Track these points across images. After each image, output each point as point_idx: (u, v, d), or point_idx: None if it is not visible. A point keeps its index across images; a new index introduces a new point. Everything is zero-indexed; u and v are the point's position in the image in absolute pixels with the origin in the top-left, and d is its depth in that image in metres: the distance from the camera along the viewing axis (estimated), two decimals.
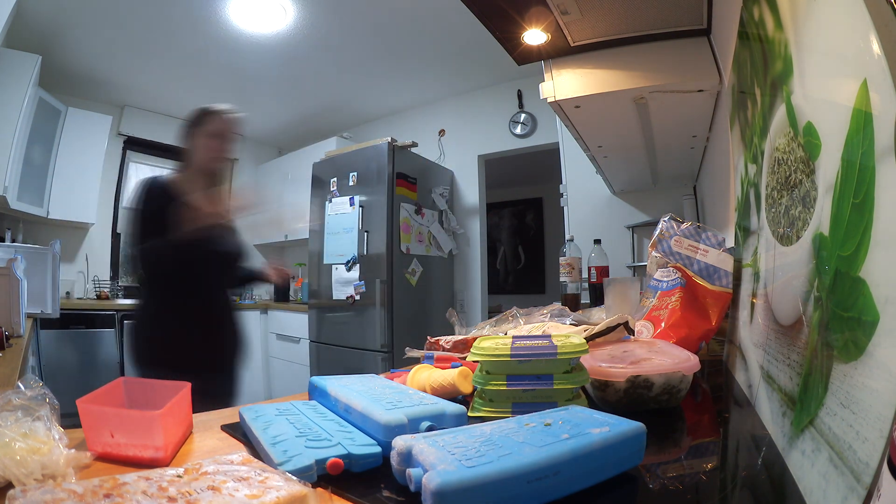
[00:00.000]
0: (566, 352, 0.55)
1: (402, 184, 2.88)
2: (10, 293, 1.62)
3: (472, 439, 0.39)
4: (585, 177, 2.46)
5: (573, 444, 0.38)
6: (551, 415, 0.46)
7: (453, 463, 0.34)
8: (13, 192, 2.61)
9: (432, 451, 0.36)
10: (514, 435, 0.40)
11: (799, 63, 0.47)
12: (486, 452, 0.36)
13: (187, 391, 0.54)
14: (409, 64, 3.04)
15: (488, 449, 0.37)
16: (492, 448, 0.37)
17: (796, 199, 0.46)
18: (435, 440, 0.39)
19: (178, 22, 2.53)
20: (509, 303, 1.29)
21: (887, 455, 0.24)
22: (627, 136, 1.59)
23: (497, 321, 1.08)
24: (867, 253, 0.29)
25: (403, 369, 0.83)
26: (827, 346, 0.35)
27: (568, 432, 0.40)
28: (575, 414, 0.46)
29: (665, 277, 0.92)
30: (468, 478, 0.32)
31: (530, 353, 0.56)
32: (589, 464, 0.38)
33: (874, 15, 0.29)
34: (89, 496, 0.32)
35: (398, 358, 2.65)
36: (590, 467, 0.38)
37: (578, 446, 0.38)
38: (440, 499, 0.31)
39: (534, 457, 0.35)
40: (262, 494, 0.33)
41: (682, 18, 1.11)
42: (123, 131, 3.59)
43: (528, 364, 0.57)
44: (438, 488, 0.31)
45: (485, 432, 0.41)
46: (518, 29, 1.13)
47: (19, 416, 0.43)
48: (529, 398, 0.56)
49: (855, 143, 0.32)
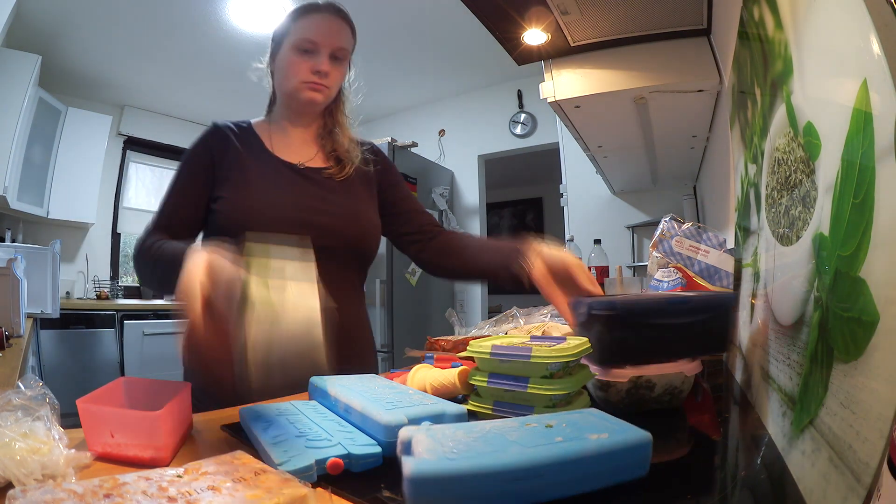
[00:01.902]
0: (540, 356, 0.53)
1: None
2: (10, 293, 1.62)
3: (469, 435, 0.39)
4: (585, 177, 2.46)
5: (562, 448, 0.37)
6: (560, 416, 0.45)
7: (437, 454, 0.34)
8: (13, 192, 2.61)
9: (426, 442, 0.36)
10: (508, 433, 0.40)
11: (799, 63, 0.47)
12: (473, 447, 0.36)
13: (187, 391, 0.54)
14: (409, 64, 3.05)
15: (477, 445, 0.37)
16: (480, 444, 0.37)
17: (796, 199, 0.46)
18: (434, 433, 0.39)
19: (178, 22, 2.53)
20: (509, 303, 1.29)
21: (887, 455, 0.24)
22: (627, 136, 1.59)
23: (497, 321, 1.08)
24: (867, 253, 0.29)
25: (403, 369, 0.83)
26: (827, 346, 0.35)
27: (564, 435, 0.39)
28: (586, 417, 0.45)
29: (666, 278, 0.92)
30: (444, 469, 0.33)
31: (508, 353, 0.56)
32: (579, 470, 0.37)
33: (874, 15, 0.29)
34: (89, 496, 0.32)
35: (398, 358, 2.65)
36: (580, 473, 0.37)
37: (568, 451, 0.37)
38: (413, 486, 0.32)
39: (516, 457, 0.35)
40: (262, 494, 0.33)
41: (682, 18, 1.11)
42: (123, 131, 3.59)
43: (507, 364, 0.57)
44: (412, 475, 0.32)
45: (484, 429, 0.41)
46: (518, 29, 1.14)
47: (19, 416, 0.43)
48: (510, 398, 0.56)
49: (855, 143, 0.32)
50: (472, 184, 3.46)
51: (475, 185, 3.45)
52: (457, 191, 3.52)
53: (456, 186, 3.52)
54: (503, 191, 5.43)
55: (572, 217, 2.65)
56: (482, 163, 3.50)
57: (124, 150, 3.67)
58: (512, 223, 5.57)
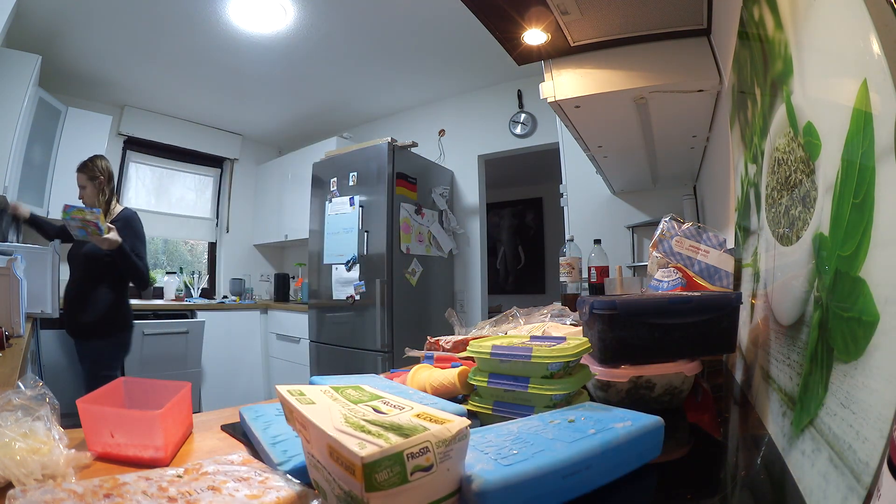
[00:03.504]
0: (541, 356, 0.54)
1: (402, 184, 2.88)
2: (10, 293, 1.62)
3: (502, 437, 0.40)
4: (585, 177, 2.46)
5: (601, 439, 0.39)
6: (572, 412, 0.47)
7: (490, 462, 0.34)
8: (13, 192, 2.60)
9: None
10: (542, 432, 0.41)
11: (799, 63, 0.47)
12: (520, 450, 0.36)
13: (187, 391, 0.54)
14: (409, 64, 3.04)
15: (521, 447, 0.37)
16: (524, 446, 0.37)
17: (796, 199, 0.46)
18: None
19: (178, 22, 2.53)
20: (509, 303, 1.29)
21: (887, 455, 0.24)
22: (627, 136, 1.59)
23: (497, 321, 1.08)
24: (867, 253, 0.29)
25: (403, 369, 0.83)
26: (827, 346, 0.35)
27: (593, 427, 0.41)
28: (595, 410, 0.47)
29: (665, 278, 0.92)
30: (508, 476, 0.33)
31: (508, 353, 0.56)
32: (616, 457, 0.39)
33: (874, 15, 0.29)
34: (89, 496, 0.32)
35: (398, 358, 2.65)
36: (617, 461, 0.39)
37: (606, 440, 0.39)
38: (484, 499, 0.31)
39: (567, 452, 0.36)
40: (262, 494, 0.33)
41: (682, 18, 1.11)
42: (123, 131, 3.59)
43: (507, 364, 0.57)
44: (482, 489, 0.31)
45: (512, 431, 0.42)
46: (518, 29, 1.13)
47: (19, 416, 0.43)
48: (510, 398, 0.56)
49: (855, 143, 0.32)
50: (472, 184, 3.46)
51: (475, 185, 3.45)
52: (457, 191, 3.52)
53: (456, 186, 3.52)
54: (503, 191, 5.43)
55: (572, 217, 2.65)
56: (482, 163, 3.50)
57: (124, 150, 3.67)
58: (512, 223, 5.56)
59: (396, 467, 0.28)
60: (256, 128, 4.20)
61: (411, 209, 2.95)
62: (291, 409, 0.35)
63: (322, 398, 0.37)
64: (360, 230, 2.79)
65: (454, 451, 0.31)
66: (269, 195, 4.25)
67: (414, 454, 0.29)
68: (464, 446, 0.32)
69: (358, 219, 2.81)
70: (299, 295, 3.87)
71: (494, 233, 5.51)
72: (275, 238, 4.14)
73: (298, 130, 4.21)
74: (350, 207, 2.87)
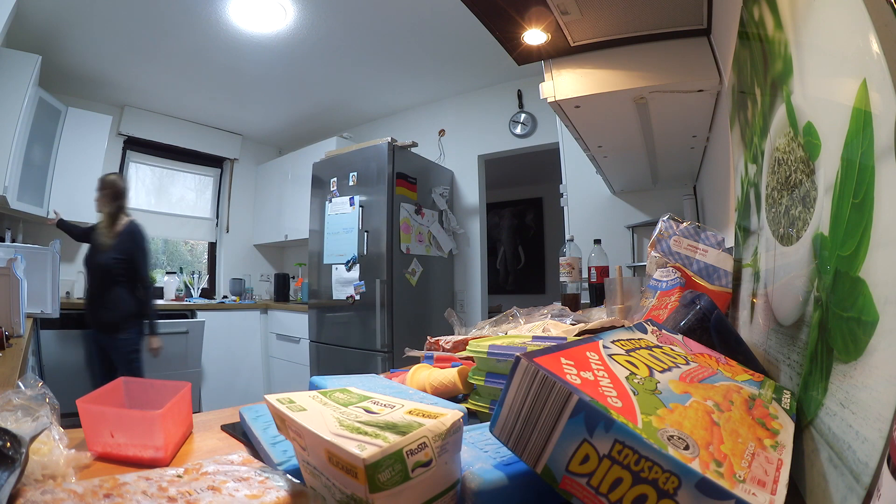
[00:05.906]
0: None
1: (402, 184, 2.88)
2: (10, 293, 1.62)
3: None
4: (585, 177, 2.46)
5: None
6: None
7: (489, 461, 0.34)
8: (13, 192, 2.60)
9: (465, 449, 0.36)
10: None
11: (799, 63, 0.47)
12: None
13: (187, 391, 0.54)
14: (409, 64, 3.04)
15: None
16: None
17: (796, 199, 0.46)
18: (465, 437, 0.39)
19: (178, 22, 2.53)
20: (509, 303, 1.29)
21: (887, 455, 0.24)
22: (627, 136, 1.59)
23: (497, 321, 1.08)
24: (867, 253, 0.29)
25: (403, 369, 0.83)
26: (827, 346, 0.35)
27: None
28: None
29: (664, 277, 0.92)
30: (506, 476, 0.33)
31: (504, 352, 0.56)
32: None
33: (874, 15, 0.29)
34: (89, 496, 0.32)
35: (398, 358, 2.65)
36: None
37: None
38: (479, 498, 0.32)
39: None
40: (262, 494, 0.33)
41: (682, 18, 1.11)
42: (123, 131, 3.59)
43: (504, 364, 0.57)
44: (480, 488, 0.32)
45: None
46: (518, 29, 1.13)
47: (19, 416, 0.43)
48: None
49: (855, 142, 0.32)
50: (472, 184, 3.46)
51: (475, 185, 3.45)
52: (457, 191, 3.52)
53: (456, 186, 3.52)
54: (503, 191, 5.43)
55: (572, 217, 2.65)
56: (482, 163, 3.50)
57: (124, 150, 3.67)
58: (512, 223, 5.56)
59: (398, 465, 0.28)
60: (256, 128, 4.20)
61: (411, 209, 2.95)
62: (283, 418, 0.34)
63: (312, 404, 0.36)
64: (360, 230, 2.79)
65: (450, 444, 0.31)
66: (269, 195, 4.25)
67: (413, 451, 0.29)
68: (459, 438, 0.32)
69: (358, 219, 2.81)
70: (299, 295, 3.87)
71: (494, 233, 5.50)
72: (275, 238, 4.14)
73: (298, 130, 4.21)
74: (350, 207, 2.87)
